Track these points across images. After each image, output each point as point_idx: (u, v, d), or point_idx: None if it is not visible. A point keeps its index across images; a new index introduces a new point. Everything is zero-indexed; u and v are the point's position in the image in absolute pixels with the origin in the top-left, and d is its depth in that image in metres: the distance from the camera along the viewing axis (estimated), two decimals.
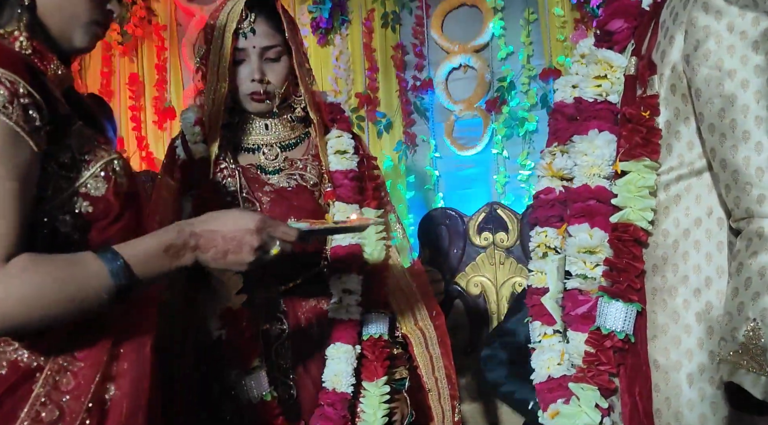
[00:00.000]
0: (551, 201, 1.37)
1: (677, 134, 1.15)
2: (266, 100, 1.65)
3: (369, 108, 3.52)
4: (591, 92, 1.24)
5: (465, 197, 3.39)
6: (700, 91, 1.10)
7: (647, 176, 1.15)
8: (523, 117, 3.38)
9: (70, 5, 1.05)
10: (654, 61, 1.16)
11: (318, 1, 3.50)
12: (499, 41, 3.44)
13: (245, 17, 1.59)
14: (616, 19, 1.23)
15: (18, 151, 0.89)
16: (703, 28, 1.08)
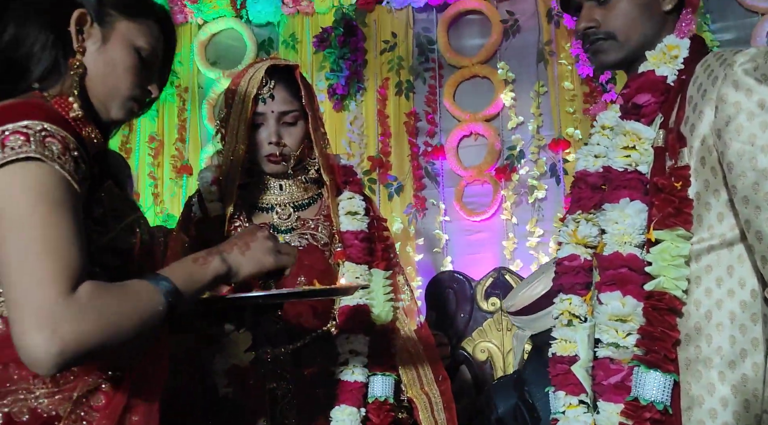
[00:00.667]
0: (576, 268, 1.39)
1: (707, 206, 1.19)
2: (282, 162, 1.71)
3: (381, 171, 3.59)
4: (621, 162, 1.27)
5: (474, 261, 3.40)
6: (732, 165, 1.14)
7: (681, 245, 1.17)
8: (533, 185, 3.43)
9: (114, 79, 1.12)
10: (683, 134, 1.21)
11: (335, 69, 3.63)
12: (510, 112, 3.52)
13: (265, 84, 1.68)
14: (643, 93, 1.28)
15: (70, 196, 0.95)
16: (734, 104, 1.14)
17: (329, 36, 3.64)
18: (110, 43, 1.12)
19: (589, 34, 1.33)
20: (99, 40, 1.12)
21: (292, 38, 3.79)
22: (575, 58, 3.42)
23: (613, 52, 1.32)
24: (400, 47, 3.64)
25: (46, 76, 1.09)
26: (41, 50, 1.08)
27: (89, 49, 1.11)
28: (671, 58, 1.27)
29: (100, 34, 1.12)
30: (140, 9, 1.17)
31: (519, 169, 3.47)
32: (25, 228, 0.90)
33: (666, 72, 1.27)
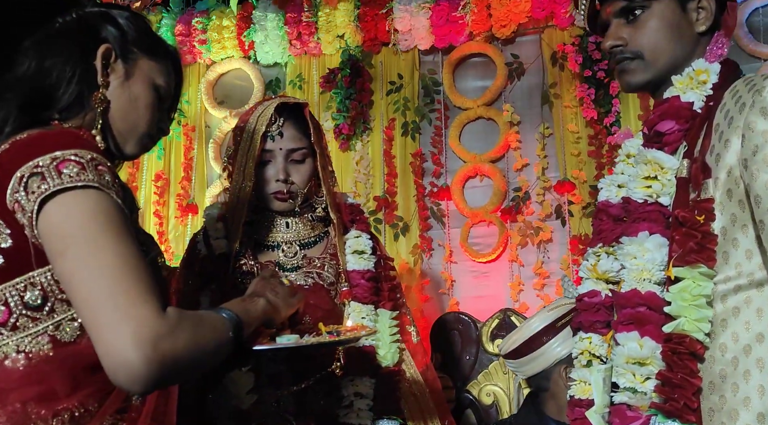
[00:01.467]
0: (596, 305, 1.30)
1: (734, 242, 1.10)
2: (289, 200, 1.70)
3: (387, 211, 3.58)
4: (641, 193, 1.19)
5: (479, 303, 3.36)
6: (760, 198, 1.05)
7: (703, 283, 1.09)
8: (538, 227, 3.42)
9: (135, 115, 1.15)
10: (708, 164, 1.12)
11: (341, 109, 3.66)
12: (515, 153, 3.53)
13: (274, 121, 1.68)
14: (666, 120, 1.20)
15: (128, 223, 0.97)
16: (762, 132, 1.05)
17: (336, 77, 3.68)
18: (133, 79, 1.14)
19: (616, 52, 1.25)
20: (122, 75, 1.14)
21: (299, 78, 3.83)
22: (579, 101, 3.44)
23: (640, 72, 1.24)
24: (406, 88, 3.67)
25: (68, 108, 1.10)
26: (67, 82, 1.08)
27: (112, 84, 1.13)
28: (699, 83, 1.19)
29: (123, 70, 1.14)
30: (160, 48, 1.20)
31: (524, 210, 3.46)
32: (102, 252, 0.91)
33: (692, 98, 1.18)
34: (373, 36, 3.67)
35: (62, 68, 1.09)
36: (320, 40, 3.74)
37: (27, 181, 0.93)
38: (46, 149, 0.95)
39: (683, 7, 1.22)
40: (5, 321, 0.96)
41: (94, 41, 1.12)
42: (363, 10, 3.64)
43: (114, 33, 1.14)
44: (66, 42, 1.12)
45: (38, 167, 0.94)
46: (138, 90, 1.15)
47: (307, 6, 3.71)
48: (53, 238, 0.93)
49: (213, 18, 3.86)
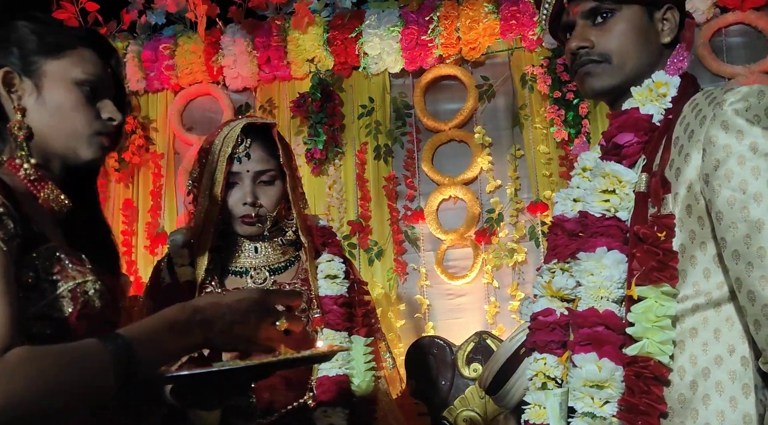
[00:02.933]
0: (551, 324, 1.24)
1: (692, 260, 1.05)
2: (257, 224, 1.65)
3: (361, 236, 3.54)
4: (598, 207, 1.15)
5: (456, 326, 3.33)
6: (721, 214, 1.01)
7: (667, 304, 1.03)
8: (512, 248, 3.40)
9: (66, 122, 1.07)
10: (668, 178, 1.08)
11: (312, 134, 3.63)
12: (488, 175, 3.53)
13: (241, 142, 1.63)
14: (625, 132, 1.16)
15: (5, 266, 0.89)
16: (724, 147, 1.01)
17: (306, 101, 3.66)
18: (45, 89, 1.07)
19: (581, 54, 1.20)
20: (33, 91, 1.07)
21: (269, 103, 3.80)
22: (550, 123, 3.46)
23: (606, 76, 1.19)
24: (377, 112, 3.66)
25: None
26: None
27: (27, 104, 1.06)
28: (658, 95, 1.15)
29: (32, 84, 1.07)
30: (63, 42, 1.10)
31: (499, 232, 3.44)
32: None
33: (652, 110, 1.15)
34: (343, 60, 3.66)
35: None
36: (290, 64, 3.72)
37: None
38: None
39: (650, 16, 1.20)
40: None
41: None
42: (332, 34, 3.64)
43: (9, 54, 1.07)
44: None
45: None
46: (57, 97, 1.07)
47: (276, 31, 3.69)
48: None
49: (180, 43, 3.82)
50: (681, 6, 1.23)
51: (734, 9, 3.33)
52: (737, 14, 3.33)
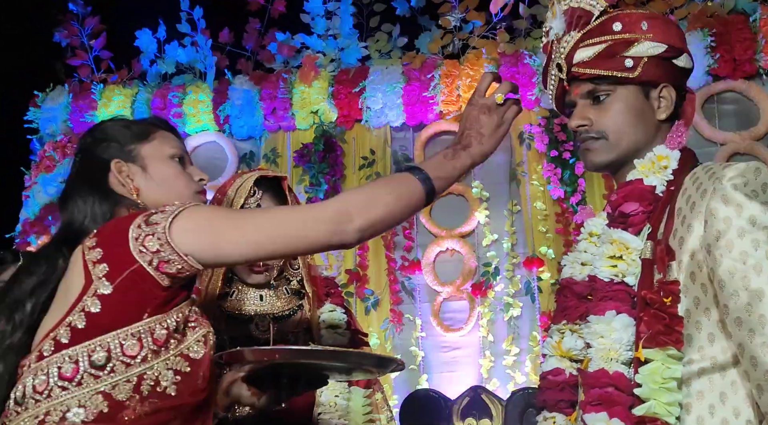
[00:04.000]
0: (561, 383, 1.27)
1: (697, 324, 1.11)
2: (265, 272, 1.69)
3: (358, 285, 3.58)
4: (607, 272, 1.20)
5: (450, 379, 3.33)
6: (723, 283, 1.07)
7: (673, 366, 1.08)
8: (508, 303, 3.44)
9: (174, 190, 1.25)
10: (672, 247, 1.14)
11: (314, 183, 3.70)
12: (485, 229, 3.59)
13: (253, 194, 1.68)
14: (631, 202, 1.22)
15: None
16: (724, 219, 1.08)
17: (309, 151, 3.75)
18: (149, 168, 1.25)
19: (581, 132, 1.29)
20: (139, 172, 1.25)
21: (272, 153, 3.88)
22: (547, 180, 3.54)
23: (603, 152, 1.27)
24: (378, 164, 3.75)
25: None
26: (92, 213, 1.21)
27: (140, 184, 1.24)
28: (660, 168, 1.23)
29: (137, 167, 1.25)
30: (146, 129, 1.30)
31: (495, 286, 3.48)
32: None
33: (655, 182, 1.22)
34: (347, 113, 3.77)
35: (83, 207, 1.21)
36: (294, 115, 3.82)
37: (143, 226, 1.09)
38: (134, 216, 1.12)
39: (646, 94, 1.27)
40: (72, 376, 1.06)
41: (102, 166, 1.24)
42: (337, 88, 3.75)
43: (109, 147, 1.26)
44: (77, 187, 1.24)
45: (145, 216, 1.10)
46: (160, 171, 1.26)
47: (283, 83, 3.81)
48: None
49: (189, 92, 3.92)
50: (678, 83, 1.30)
51: (726, 77, 3.46)
52: (729, 82, 3.47)
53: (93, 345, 1.06)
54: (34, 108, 4.10)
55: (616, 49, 1.25)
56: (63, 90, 4.09)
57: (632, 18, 1.28)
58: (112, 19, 4.07)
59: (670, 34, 1.28)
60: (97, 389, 1.05)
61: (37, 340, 1.12)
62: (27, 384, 1.08)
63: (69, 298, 1.10)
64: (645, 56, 1.25)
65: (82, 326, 1.07)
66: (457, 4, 3.69)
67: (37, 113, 4.08)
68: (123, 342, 1.07)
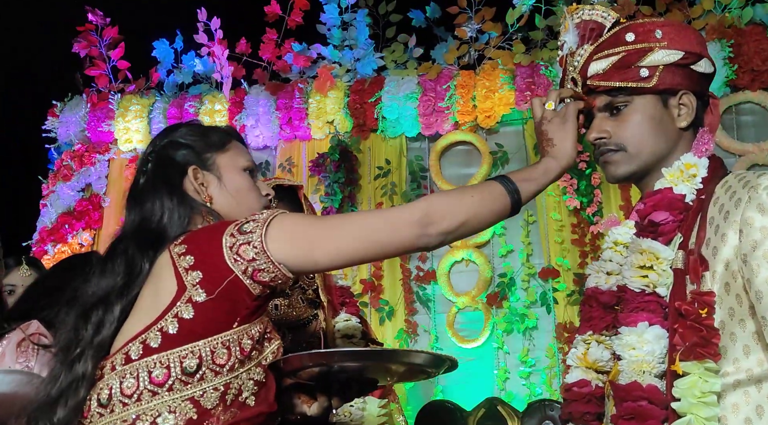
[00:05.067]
0: (587, 395, 1.24)
1: (732, 336, 1.08)
2: None
3: (373, 295, 3.57)
4: (637, 282, 1.17)
5: (465, 390, 3.30)
6: (761, 294, 1.04)
7: (711, 380, 1.04)
8: (524, 313, 3.41)
9: (246, 203, 1.26)
10: (705, 256, 1.12)
11: (330, 192, 3.71)
12: (500, 239, 3.57)
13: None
14: (660, 211, 1.20)
15: None
16: (761, 228, 1.06)
17: (325, 161, 3.75)
18: (224, 178, 1.26)
19: (600, 144, 1.27)
20: (215, 181, 1.26)
21: (288, 162, 3.89)
22: (563, 190, 3.52)
23: (623, 164, 1.25)
24: (393, 174, 3.74)
25: (189, 227, 1.21)
26: (171, 216, 1.21)
27: (213, 193, 1.25)
28: (689, 176, 1.21)
29: (212, 176, 1.26)
30: (223, 139, 1.30)
31: (510, 297, 3.46)
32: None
33: (684, 190, 1.20)
34: (362, 123, 3.78)
35: (160, 209, 1.22)
36: (310, 125, 3.83)
37: (237, 235, 1.10)
38: (226, 224, 1.13)
39: (665, 103, 1.24)
40: (164, 382, 1.06)
41: (179, 171, 1.25)
42: (353, 98, 3.76)
43: (187, 153, 1.27)
44: (153, 187, 1.25)
45: (236, 225, 1.11)
46: (234, 182, 1.26)
47: (299, 93, 3.82)
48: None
49: (205, 102, 3.95)
50: (699, 89, 1.27)
51: (744, 88, 3.43)
52: (747, 94, 3.44)
53: (185, 352, 1.07)
54: (53, 117, 4.15)
55: (630, 60, 1.23)
56: (81, 100, 4.13)
57: (645, 27, 1.25)
58: (130, 30, 4.11)
59: (687, 40, 1.25)
60: (186, 395, 1.06)
61: (119, 342, 1.11)
62: (114, 386, 1.08)
63: (159, 303, 1.10)
64: (661, 64, 1.23)
65: (174, 331, 1.08)
66: (473, 15, 3.69)
67: (55, 123, 4.13)
68: (213, 350, 1.07)
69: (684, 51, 1.24)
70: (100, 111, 4.03)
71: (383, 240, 1.13)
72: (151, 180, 1.26)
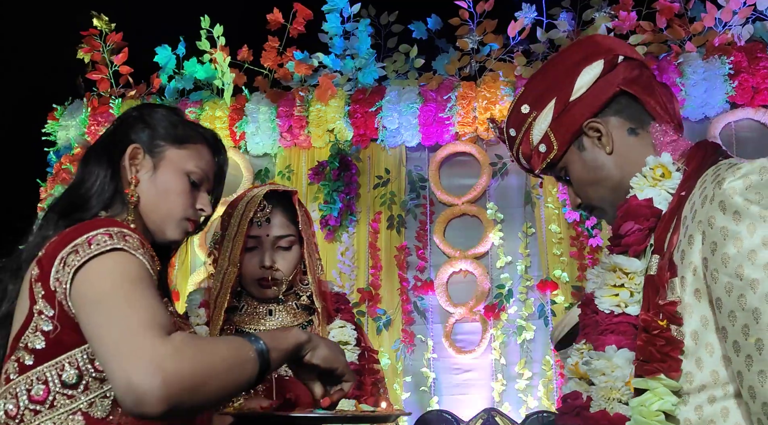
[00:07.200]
0: (576, 409, 1.18)
1: (708, 347, 0.98)
2: (273, 287, 1.68)
3: (370, 304, 3.56)
4: (607, 303, 1.11)
5: (461, 402, 3.28)
6: (720, 302, 0.94)
7: (666, 397, 0.98)
8: (521, 326, 3.40)
9: (167, 203, 1.21)
10: (674, 261, 1.02)
11: (328, 200, 3.70)
12: (498, 251, 3.56)
13: (263, 208, 1.68)
14: (627, 222, 1.12)
15: (150, 280, 1.03)
16: (721, 229, 0.95)
17: (324, 169, 3.75)
18: (160, 170, 1.22)
19: (583, 208, 1.27)
20: (150, 169, 1.21)
21: (287, 169, 3.89)
22: (562, 203, 3.51)
23: (606, 213, 1.23)
24: (392, 183, 3.74)
25: (109, 205, 1.18)
26: (101, 186, 1.18)
27: (142, 178, 1.20)
28: (654, 178, 1.13)
29: (151, 163, 1.22)
30: (188, 136, 1.26)
31: (508, 308, 3.45)
32: (113, 299, 0.97)
33: (651, 194, 1.12)
34: (362, 132, 3.78)
35: (97, 174, 1.19)
36: (310, 133, 3.83)
37: (65, 259, 1.02)
38: (83, 232, 1.05)
39: (580, 147, 1.20)
40: (44, 398, 1.02)
41: (123, 144, 1.21)
42: (353, 107, 3.77)
43: (142, 132, 1.23)
44: (99, 151, 1.22)
45: (74, 245, 1.03)
46: (167, 180, 1.21)
47: (299, 101, 3.83)
48: (80, 300, 1.00)
49: (206, 108, 3.96)
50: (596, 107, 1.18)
51: (743, 105, 3.44)
52: (747, 110, 3.44)
53: (60, 363, 1.02)
54: (52, 121, 4.15)
55: (527, 151, 1.24)
56: (81, 104, 4.14)
57: (514, 112, 1.25)
58: (133, 36, 4.12)
59: (546, 83, 1.21)
60: (72, 409, 1.02)
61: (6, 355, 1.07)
62: (0, 409, 1.04)
63: (21, 314, 1.06)
64: (546, 131, 1.21)
65: (41, 346, 1.03)
66: (475, 27, 3.70)
67: (55, 126, 4.14)
68: (92, 357, 1.02)
69: (552, 98, 1.20)
70: (101, 115, 4.03)
71: None
72: (100, 145, 1.23)
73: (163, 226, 1.22)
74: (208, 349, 0.96)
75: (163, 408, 0.88)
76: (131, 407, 0.89)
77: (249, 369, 0.98)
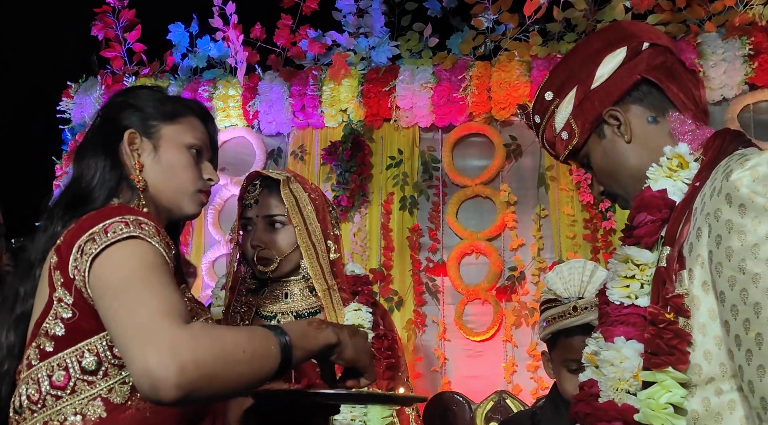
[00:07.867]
0: (594, 396, 1.17)
1: (716, 339, 0.98)
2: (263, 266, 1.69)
3: (382, 285, 3.57)
4: (618, 294, 1.11)
5: (472, 383, 3.30)
6: (724, 295, 0.95)
7: (674, 390, 0.98)
8: (533, 308, 3.40)
9: (177, 180, 1.22)
10: (683, 254, 1.02)
11: (341, 181, 3.70)
12: (511, 233, 3.56)
13: (252, 190, 1.72)
14: (640, 213, 1.12)
15: (166, 266, 1.04)
16: (726, 222, 0.94)
17: (337, 149, 3.74)
18: (161, 150, 1.22)
19: (606, 195, 1.27)
20: (151, 150, 1.22)
21: (300, 149, 3.89)
22: (576, 185, 3.49)
23: (622, 200, 1.23)
24: (405, 164, 3.73)
25: (117, 193, 1.19)
26: (101, 177, 1.18)
27: (145, 162, 1.21)
28: (671, 169, 1.12)
29: (150, 145, 1.22)
30: (177, 111, 1.26)
31: (519, 290, 3.45)
32: (131, 286, 0.98)
33: (666, 185, 1.11)
34: (375, 112, 3.76)
35: (95, 167, 1.19)
36: (323, 113, 3.82)
37: (83, 247, 1.04)
38: (99, 220, 1.06)
39: (600, 135, 1.20)
40: (65, 384, 1.04)
41: (117, 132, 1.21)
42: (367, 86, 3.74)
43: (132, 116, 1.23)
44: (93, 143, 1.23)
45: (91, 233, 1.04)
46: (170, 157, 1.22)
47: (313, 80, 3.81)
48: (99, 287, 1.01)
49: (219, 87, 3.95)
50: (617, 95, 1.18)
51: (763, 86, 3.38)
52: (766, 92, 3.39)
53: (80, 350, 1.04)
54: (67, 98, 4.16)
55: (550, 137, 1.25)
56: (96, 81, 4.14)
57: (539, 100, 1.26)
58: (146, 13, 4.11)
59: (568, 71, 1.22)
60: (92, 395, 1.04)
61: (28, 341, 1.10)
62: (23, 394, 1.07)
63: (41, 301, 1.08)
64: (568, 118, 1.21)
65: (61, 333, 1.05)
66: (490, 6, 3.65)
67: (70, 104, 4.14)
68: (111, 344, 1.04)
69: (574, 86, 1.20)
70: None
71: None
72: (92, 137, 1.23)
73: (179, 203, 1.23)
74: (229, 338, 0.95)
75: (178, 394, 0.88)
76: (147, 392, 0.90)
77: (270, 362, 0.98)
